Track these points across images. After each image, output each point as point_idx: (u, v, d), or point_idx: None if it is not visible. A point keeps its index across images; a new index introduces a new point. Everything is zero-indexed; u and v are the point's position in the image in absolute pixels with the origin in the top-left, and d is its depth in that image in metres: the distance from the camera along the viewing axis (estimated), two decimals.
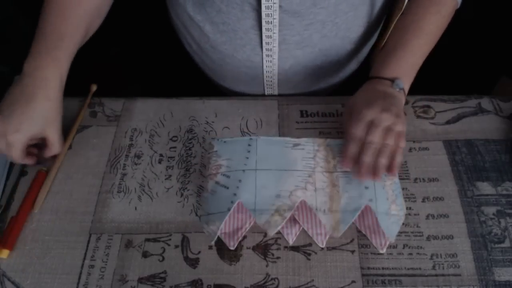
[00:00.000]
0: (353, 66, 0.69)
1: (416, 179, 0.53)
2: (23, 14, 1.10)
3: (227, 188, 0.46)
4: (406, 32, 0.54)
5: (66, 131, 0.60)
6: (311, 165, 0.48)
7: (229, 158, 0.48)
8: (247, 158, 0.47)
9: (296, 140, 0.50)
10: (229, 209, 0.45)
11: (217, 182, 0.48)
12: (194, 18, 0.58)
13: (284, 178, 0.47)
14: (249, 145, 0.48)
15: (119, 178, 0.55)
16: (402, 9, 0.53)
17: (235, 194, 0.45)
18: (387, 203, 0.46)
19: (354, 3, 0.54)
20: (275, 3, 0.50)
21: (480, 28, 1.10)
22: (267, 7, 0.50)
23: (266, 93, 0.68)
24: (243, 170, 0.47)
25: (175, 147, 0.58)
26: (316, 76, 0.66)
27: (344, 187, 0.47)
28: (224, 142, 0.50)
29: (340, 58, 0.63)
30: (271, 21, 0.52)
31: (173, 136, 0.59)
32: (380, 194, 0.46)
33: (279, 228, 0.45)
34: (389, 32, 0.55)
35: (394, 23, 0.54)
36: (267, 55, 0.58)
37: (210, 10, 0.55)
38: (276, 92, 0.67)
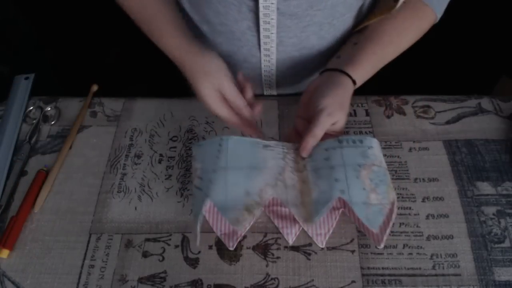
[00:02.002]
0: None
1: (416, 179, 0.53)
2: (23, 14, 1.10)
3: (201, 190, 0.46)
4: (382, 36, 0.54)
5: (66, 131, 0.60)
6: (281, 164, 0.48)
7: (203, 160, 0.48)
8: (218, 158, 0.47)
9: (266, 142, 0.49)
10: (202, 211, 0.44)
11: (195, 186, 0.48)
12: (191, 18, 0.58)
13: (254, 176, 0.46)
14: (219, 145, 0.48)
15: (119, 178, 0.55)
16: (395, 7, 0.52)
17: (206, 195, 0.45)
18: (363, 192, 0.45)
19: (352, 4, 0.54)
20: (272, 4, 0.49)
21: (480, 28, 1.11)
22: (265, 7, 0.50)
23: (265, 93, 0.68)
24: (214, 170, 0.46)
25: (175, 147, 0.58)
26: (315, 76, 0.66)
27: (314, 182, 0.47)
28: (199, 145, 0.50)
29: None
30: (268, 21, 0.52)
31: (173, 136, 0.59)
32: (354, 185, 0.45)
33: (247, 225, 0.44)
34: (366, 23, 0.54)
35: (377, 17, 0.54)
36: (265, 55, 0.58)
37: (208, 11, 0.55)
38: (275, 92, 0.67)
